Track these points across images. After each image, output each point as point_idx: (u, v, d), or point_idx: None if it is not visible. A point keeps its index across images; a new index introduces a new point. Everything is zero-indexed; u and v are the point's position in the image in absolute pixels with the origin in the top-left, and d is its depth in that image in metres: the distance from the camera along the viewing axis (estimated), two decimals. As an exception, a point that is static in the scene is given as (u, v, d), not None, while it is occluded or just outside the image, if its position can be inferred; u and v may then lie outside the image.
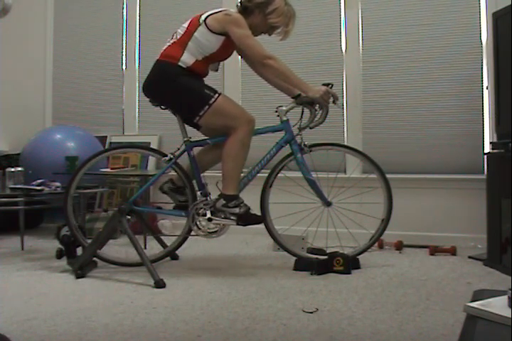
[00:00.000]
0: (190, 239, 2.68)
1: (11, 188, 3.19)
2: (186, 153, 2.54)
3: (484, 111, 3.25)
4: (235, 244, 3.24)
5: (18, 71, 4.44)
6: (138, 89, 4.18)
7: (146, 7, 4.25)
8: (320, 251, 2.72)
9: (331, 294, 2.13)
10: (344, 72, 3.60)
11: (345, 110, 3.56)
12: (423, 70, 3.40)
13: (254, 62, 2.62)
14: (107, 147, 4.04)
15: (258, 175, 2.57)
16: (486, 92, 3.24)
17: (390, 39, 3.49)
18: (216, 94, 2.42)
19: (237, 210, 2.42)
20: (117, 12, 4.33)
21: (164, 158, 2.57)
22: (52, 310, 1.91)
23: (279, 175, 2.67)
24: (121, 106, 4.30)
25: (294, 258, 2.62)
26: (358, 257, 2.63)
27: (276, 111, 2.58)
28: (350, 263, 2.49)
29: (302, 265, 2.54)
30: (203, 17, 2.44)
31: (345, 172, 3.54)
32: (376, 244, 2.90)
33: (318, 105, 2.54)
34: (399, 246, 3.05)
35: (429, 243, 3.06)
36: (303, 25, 3.40)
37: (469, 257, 2.84)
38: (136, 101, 4.22)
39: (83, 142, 3.66)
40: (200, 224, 2.50)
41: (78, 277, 2.40)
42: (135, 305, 1.99)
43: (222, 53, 2.51)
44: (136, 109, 4.23)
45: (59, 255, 2.68)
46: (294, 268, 2.56)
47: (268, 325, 1.74)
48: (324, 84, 2.50)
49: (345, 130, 3.59)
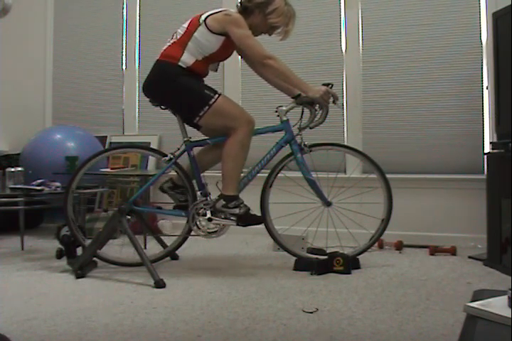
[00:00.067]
0: (190, 239, 2.68)
1: (11, 188, 3.19)
2: (186, 153, 2.54)
3: (484, 111, 3.25)
4: (235, 244, 3.24)
5: (18, 71, 4.44)
6: (138, 89, 4.18)
7: (146, 7, 4.25)
8: (320, 251, 2.72)
9: (331, 294, 2.13)
10: (344, 72, 3.60)
11: (345, 110, 3.56)
12: (423, 70, 3.40)
13: (254, 62, 2.62)
14: (107, 147, 4.04)
15: (258, 175, 2.57)
16: (486, 92, 3.24)
17: (390, 39, 3.49)
18: (216, 95, 2.42)
19: (236, 211, 2.42)
20: (117, 12, 4.33)
21: (164, 158, 2.57)
22: (52, 310, 1.91)
23: (279, 175, 2.67)
24: (121, 106, 4.30)
25: (294, 258, 2.62)
26: (358, 257, 2.63)
27: (276, 111, 2.58)
28: (350, 263, 2.49)
29: (302, 265, 2.54)
30: (203, 17, 2.44)
31: (345, 172, 3.54)
32: (376, 244, 2.90)
33: (318, 105, 2.54)
34: (399, 246, 3.05)
35: (429, 243, 3.06)
36: (303, 25, 3.40)
37: (469, 257, 2.84)
38: (136, 101, 4.22)
39: (83, 142, 3.66)
40: (200, 224, 2.50)
41: (78, 277, 2.40)
42: (135, 305, 1.99)
43: (222, 53, 2.51)
44: (136, 109, 4.23)
45: (59, 255, 2.69)
46: (294, 268, 2.56)
47: (268, 325, 1.74)
48: (324, 84, 2.50)
49: (345, 130, 3.59)
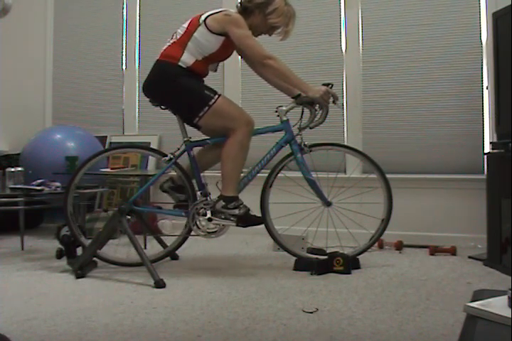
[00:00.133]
0: (190, 239, 2.68)
1: (11, 188, 3.19)
2: (186, 153, 2.54)
3: (484, 111, 3.25)
4: (235, 244, 3.24)
5: (18, 71, 4.44)
6: (138, 89, 4.18)
7: (146, 7, 4.25)
8: (320, 251, 2.72)
9: (331, 294, 2.13)
10: (344, 72, 3.60)
11: (345, 110, 3.56)
12: (423, 70, 3.40)
13: (254, 63, 2.62)
14: (107, 147, 4.04)
15: (258, 175, 2.57)
16: (486, 92, 3.24)
17: (390, 39, 3.49)
18: (216, 96, 2.42)
19: (236, 212, 2.42)
20: (117, 12, 4.34)
21: (164, 158, 2.57)
22: (52, 310, 1.91)
23: (279, 175, 2.67)
24: (121, 106, 4.30)
25: (294, 258, 2.62)
26: (358, 257, 2.63)
27: (276, 111, 2.58)
28: (350, 263, 2.49)
29: (302, 265, 2.54)
30: (203, 17, 2.44)
31: (345, 172, 3.54)
32: (376, 244, 2.90)
33: (318, 105, 2.54)
34: (399, 246, 3.05)
35: (429, 243, 3.06)
36: (303, 25, 3.40)
37: (469, 257, 2.84)
38: (136, 101, 4.22)
39: (83, 142, 3.67)
40: (200, 224, 2.50)
41: (78, 277, 2.40)
42: (135, 305, 1.99)
43: (222, 53, 2.51)
44: (136, 109, 4.23)
45: (59, 255, 2.69)
46: (294, 268, 2.56)
47: (268, 325, 1.74)
48: (324, 84, 2.50)
49: (345, 130, 3.59)
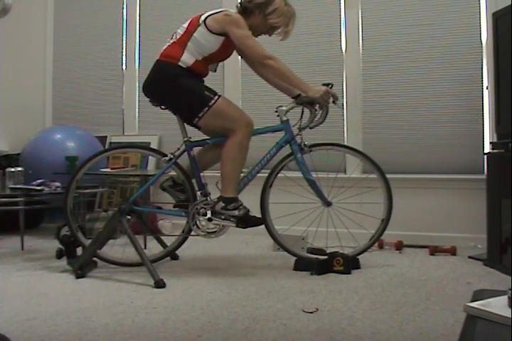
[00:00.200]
0: (190, 239, 2.68)
1: (11, 188, 3.19)
2: (186, 153, 2.54)
3: (484, 111, 3.25)
4: (235, 244, 3.24)
5: (18, 71, 4.44)
6: (138, 89, 4.18)
7: (146, 7, 4.25)
8: (320, 251, 2.72)
9: (331, 294, 2.13)
10: (344, 72, 3.60)
11: (345, 110, 3.56)
12: (423, 70, 3.40)
13: (254, 63, 2.62)
14: (107, 147, 4.04)
15: (258, 175, 2.57)
16: (486, 92, 3.24)
17: (390, 39, 3.49)
18: (216, 96, 2.42)
19: (236, 213, 2.42)
20: (117, 12, 4.33)
21: (164, 158, 2.57)
22: (52, 310, 1.91)
23: (279, 175, 2.67)
24: (121, 106, 4.30)
25: (294, 258, 2.62)
26: (358, 257, 2.63)
27: (276, 111, 2.58)
28: (350, 263, 2.49)
29: (302, 265, 2.54)
30: (203, 17, 2.44)
31: (345, 172, 3.54)
32: (376, 244, 2.90)
33: (318, 105, 2.54)
34: (399, 246, 3.05)
35: (429, 243, 3.05)
36: (303, 25, 3.40)
37: (469, 257, 2.84)
38: (136, 101, 4.22)
39: (83, 142, 3.67)
40: (200, 224, 2.50)
41: (78, 277, 2.40)
42: (135, 305, 1.99)
43: (222, 53, 2.51)
44: (136, 109, 4.23)
45: (59, 255, 2.69)
46: (294, 268, 2.56)
47: (268, 325, 1.74)
48: (324, 84, 2.50)
49: (345, 130, 3.59)
